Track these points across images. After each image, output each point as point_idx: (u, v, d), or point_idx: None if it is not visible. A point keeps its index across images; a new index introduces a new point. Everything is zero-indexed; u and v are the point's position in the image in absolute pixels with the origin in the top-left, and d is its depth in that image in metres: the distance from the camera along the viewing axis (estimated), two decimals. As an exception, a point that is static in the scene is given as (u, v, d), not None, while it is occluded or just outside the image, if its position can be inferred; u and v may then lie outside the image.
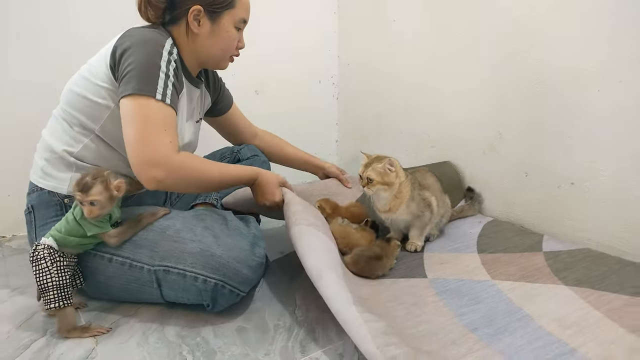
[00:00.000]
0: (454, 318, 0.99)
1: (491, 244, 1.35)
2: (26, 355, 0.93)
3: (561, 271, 1.18)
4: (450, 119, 1.70)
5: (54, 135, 1.12)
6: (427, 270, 1.22)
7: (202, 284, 1.00)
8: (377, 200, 1.32)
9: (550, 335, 0.92)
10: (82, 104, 1.08)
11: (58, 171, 1.11)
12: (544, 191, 1.43)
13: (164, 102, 1.02)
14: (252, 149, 1.49)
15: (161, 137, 1.01)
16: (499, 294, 1.08)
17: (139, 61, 1.01)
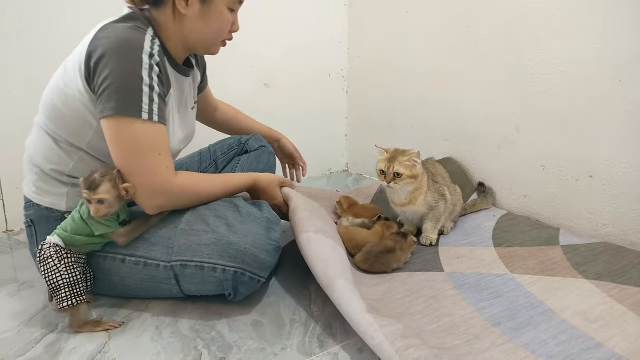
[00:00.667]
0: (475, 312, 0.97)
1: (507, 238, 1.33)
2: (37, 350, 0.91)
3: (580, 265, 1.15)
4: (465, 112, 1.67)
5: (39, 151, 1.04)
6: (444, 264, 1.19)
7: (221, 274, 0.97)
8: (397, 194, 1.29)
9: (575, 329, 0.90)
10: (63, 119, 0.99)
11: (52, 187, 1.05)
12: (561, 184, 1.40)
13: (151, 120, 0.95)
14: (259, 139, 1.44)
15: (156, 165, 0.97)
16: (519, 288, 1.06)
17: (117, 74, 0.91)
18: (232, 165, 1.41)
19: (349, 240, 1.24)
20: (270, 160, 1.45)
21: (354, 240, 1.25)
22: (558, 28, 1.34)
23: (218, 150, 1.43)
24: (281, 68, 1.99)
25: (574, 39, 1.31)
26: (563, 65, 1.34)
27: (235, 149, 1.43)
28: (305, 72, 2.06)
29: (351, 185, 2.04)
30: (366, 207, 1.44)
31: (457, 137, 1.71)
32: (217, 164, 1.43)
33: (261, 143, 1.45)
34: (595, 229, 1.33)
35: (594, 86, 1.28)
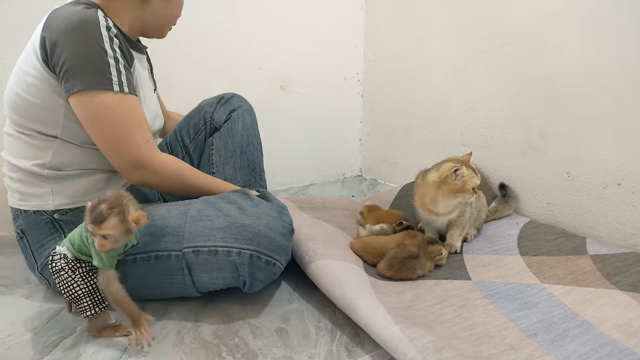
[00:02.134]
0: (509, 322, 0.94)
1: (533, 246, 1.30)
2: (56, 354, 0.87)
3: (612, 276, 1.12)
4: (486, 117, 1.64)
5: (15, 154, 1.01)
6: (470, 272, 1.16)
7: (236, 257, 0.94)
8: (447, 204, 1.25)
9: (616, 342, 0.86)
10: (30, 109, 0.96)
11: (35, 187, 1.00)
12: (587, 192, 1.37)
13: (122, 91, 0.92)
14: (225, 107, 1.27)
15: (138, 137, 0.94)
16: (552, 299, 1.03)
17: (80, 50, 0.89)
18: (207, 153, 1.26)
19: (369, 252, 1.21)
20: (246, 123, 1.26)
21: (375, 250, 1.21)
22: (585, 32, 1.32)
23: (185, 136, 1.29)
24: (297, 71, 1.97)
25: (601, 43, 1.28)
26: (590, 70, 1.31)
27: (202, 130, 1.27)
28: (321, 75, 2.04)
29: (366, 191, 2.01)
30: (391, 213, 1.41)
31: (477, 143, 1.68)
32: (190, 155, 1.28)
33: (229, 108, 1.26)
34: (624, 239, 1.29)
35: (622, 91, 1.25)
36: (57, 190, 1.01)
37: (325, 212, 1.54)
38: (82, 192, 1.02)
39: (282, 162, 1.97)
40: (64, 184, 1.01)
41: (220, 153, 1.23)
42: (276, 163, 1.91)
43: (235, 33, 1.80)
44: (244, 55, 1.84)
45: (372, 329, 0.88)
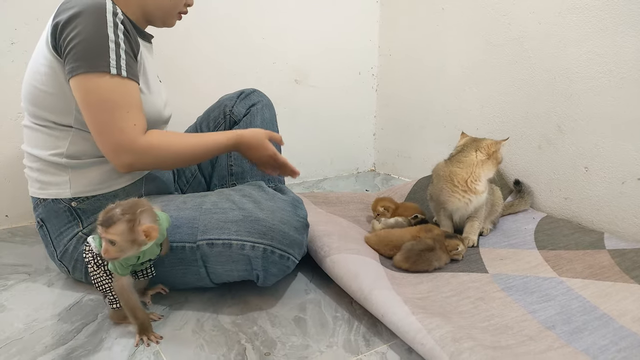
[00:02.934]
0: (527, 314, 0.94)
1: (550, 241, 1.29)
2: (79, 339, 0.89)
3: (631, 270, 1.11)
4: (502, 111, 1.63)
5: (34, 145, 1.03)
6: (487, 266, 1.16)
7: (250, 251, 0.95)
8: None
9: (636, 335, 0.86)
10: (45, 100, 0.98)
11: (53, 176, 1.02)
12: (605, 187, 1.36)
13: (119, 75, 0.93)
14: (245, 102, 1.28)
15: (123, 121, 0.93)
16: (570, 292, 1.02)
17: (83, 34, 0.90)
18: None
19: (385, 245, 1.21)
20: (265, 118, 1.28)
21: (391, 242, 1.21)
22: (604, 25, 1.30)
23: (204, 129, 1.32)
24: (312, 65, 1.98)
25: (620, 35, 1.27)
26: (610, 63, 1.30)
27: (222, 123, 1.30)
28: (336, 70, 2.04)
29: (380, 185, 2.01)
30: (406, 206, 1.40)
31: (493, 137, 1.67)
32: None
33: (250, 103, 1.28)
34: (643, 234, 1.28)
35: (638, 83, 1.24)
36: (74, 178, 1.02)
37: (339, 206, 1.54)
38: (99, 180, 1.03)
39: (297, 156, 1.98)
40: (81, 172, 1.02)
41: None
42: (290, 157, 1.89)
43: (251, 28, 1.81)
44: (260, 49, 1.85)
45: (389, 320, 0.89)
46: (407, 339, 0.85)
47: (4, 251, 1.31)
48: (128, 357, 0.84)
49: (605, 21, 1.30)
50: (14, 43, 1.42)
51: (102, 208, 0.94)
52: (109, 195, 1.04)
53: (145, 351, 0.86)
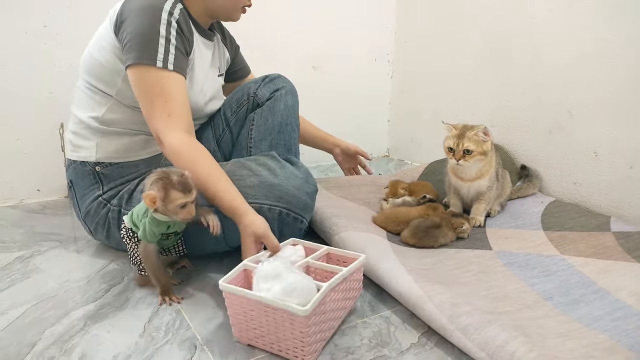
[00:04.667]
0: (526, 286, 0.98)
1: (556, 222, 1.32)
2: (107, 298, 0.97)
3: (634, 250, 1.14)
4: (515, 97, 1.65)
5: (78, 105, 1.14)
6: (492, 243, 1.20)
7: (267, 213, 1.02)
8: (468, 170, 1.29)
9: (631, 307, 0.90)
10: (97, 69, 1.09)
11: (84, 139, 1.13)
12: (614, 172, 1.38)
13: (166, 68, 1.01)
14: (270, 86, 1.29)
15: (160, 111, 1.01)
16: (571, 268, 1.06)
17: (137, 29, 1.01)
18: (247, 127, 1.28)
19: (393, 221, 1.27)
20: (287, 104, 1.28)
21: (398, 218, 1.27)
22: (614, 10, 1.31)
23: (227, 111, 1.30)
24: (329, 52, 2.02)
25: (630, 20, 1.28)
26: (618, 48, 1.31)
27: (244, 104, 1.29)
28: (352, 56, 2.08)
29: (393, 170, 2.05)
30: (418, 184, 1.46)
31: (505, 123, 1.70)
32: (230, 128, 1.30)
33: (274, 87, 1.29)
34: (649, 218, 1.31)
35: (654, 70, 1.26)
36: (101, 144, 1.12)
37: (351, 189, 1.59)
38: (124, 149, 1.12)
39: (312, 140, 2.03)
40: (109, 140, 1.12)
41: (260, 129, 1.27)
42: (305, 142, 1.98)
43: (269, 16, 1.85)
44: (278, 37, 1.90)
45: (393, 289, 0.95)
46: (409, 305, 0.91)
47: (37, 222, 1.41)
48: (152, 313, 0.92)
49: (615, 7, 1.31)
50: (47, 26, 1.50)
51: (122, 176, 1.07)
52: (130, 164, 1.13)
53: (168, 309, 0.93)
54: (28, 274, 1.07)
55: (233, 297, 0.80)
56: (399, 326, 0.89)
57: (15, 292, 0.99)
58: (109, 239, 1.15)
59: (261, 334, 0.80)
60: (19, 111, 1.52)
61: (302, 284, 0.77)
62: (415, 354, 0.81)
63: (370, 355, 0.80)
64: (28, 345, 0.81)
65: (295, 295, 0.75)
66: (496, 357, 0.74)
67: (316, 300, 0.75)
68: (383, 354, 0.81)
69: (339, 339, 0.85)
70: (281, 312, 0.75)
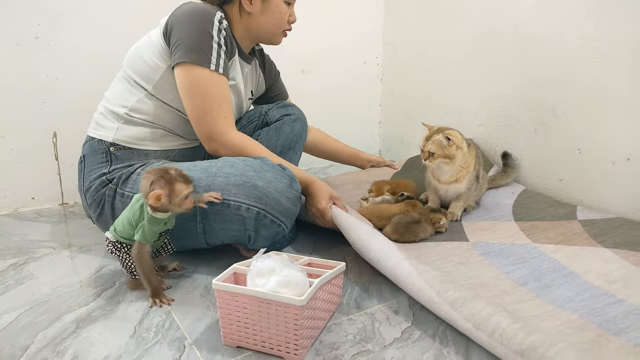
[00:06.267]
0: (502, 274, 1.04)
1: (527, 213, 1.39)
2: (99, 301, 1.00)
3: (599, 236, 1.21)
4: (501, 96, 1.68)
5: (111, 92, 1.22)
6: (469, 235, 1.26)
7: (245, 212, 1.06)
8: (442, 172, 1.33)
9: (598, 288, 0.97)
10: (139, 64, 1.16)
11: (108, 121, 1.19)
12: (597, 168, 1.41)
13: (217, 71, 1.11)
14: (282, 110, 1.40)
15: (217, 113, 1.12)
16: (542, 255, 1.12)
17: (192, 30, 1.09)
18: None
19: (376, 216, 1.31)
20: (294, 130, 1.39)
21: (381, 213, 1.31)
22: (598, 11, 1.35)
23: (237, 124, 1.40)
24: (318, 55, 2.05)
25: (614, 21, 1.31)
26: (602, 48, 1.34)
27: (255, 121, 1.41)
28: (342, 59, 2.11)
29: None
30: (400, 183, 1.49)
31: (492, 123, 1.73)
32: None
33: (285, 112, 1.40)
34: (632, 213, 1.33)
35: (633, 68, 1.28)
36: (122, 128, 1.18)
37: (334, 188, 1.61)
38: (140, 137, 1.19)
39: (304, 144, 2.06)
40: (130, 127, 1.18)
41: (264, 144, 1.32)
42: (298, 144, 2.01)
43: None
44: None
45: (385, 264, 0.99)
46: (399, 281, 0.95)
47: (31, 229, 1.43)
48: (142, 315, 0.94)
49: (599, 7, 1.34)
50: (38, 37, 1.53)
51: (132, 160, 1.15)
52: (141, 152, 1.19)
53: (158, 311, 0.96)
54: (22, 280, 1.09)
55: (226, 295, 0.82)
56: (383, 322, 0.91)
57: (8, 298, 1.01)
58: (99, 219, 1.18)
59: (253, 332, 0.82)
60: (12, 121, 1.54)
61: (297, 277, 0.80)
62: (398, 348, 0.83)
63: (354, 350, 0.82)
64: (21, 349, 0.83)
65: (291, 287, 0.78)
66: (482, 327, 0.79)
67: (311, 291, 0.78)
68: (367, 348, 0.83)
69: (324, 335, 0.87)
70: (275, 306, 0.78)
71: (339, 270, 0.92)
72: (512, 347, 0.74)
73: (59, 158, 1.63)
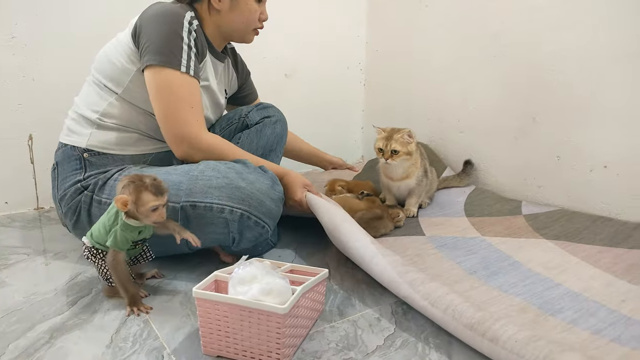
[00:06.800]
0: (454, 265, 1.13)
1: (477, 209, 1.49)
2: (74, 310, 0.97)
3: (541, 229, 1.31)
4: (483, 104, 1.70)
5: (82, 97, 1.19)
6: (425, 230, 1.35)
7: (228, 214, 1.04)
8: (395, 170, 1.40)
9: (538, 275, 1.08)
10: (108, 68, 1.14)
11: (80, 127, 1.16)
12: (576, 175, 1.43)
13: (188, 73, 1.09)
14: (262, 112, 1.37)
15: (188, 115, 1.09)
16: (490, 247, 1.22)
17: (161, 32, 1.06)
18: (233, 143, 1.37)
19: (343, 205, 1.31)
20: (275, 132, 1.37)
21: (348, 205, 1.33)
22: (575, 19, 1.38)
23: (217, 126, 1.39)
24: (301, 60, 2.05)
25: (591, 30, 1.34)
26: (581, 57, 1.37)
27: (235, 123, 1.37)
28: (325, 64, 2.11)
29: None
30: (358, 183, 1.56)
31: (473, 129, 1.75)
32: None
33: (265, 114, 1.37)
34: (609, 218, 1.36)
35: (609, 76, 1.31)
36: (95, 134, 1.15)
37: None
38: (113, 142, 1.16)
39: (286, 148, 2.05)
40: (103, 131, 1.15)
41: (244, 148, 1.31)
42: (281, 149, 2.00)
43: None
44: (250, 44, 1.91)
45: (352, 246, 1.06)
46: (364, 262, 1.02)
47: (4, 235, 1.38)
48: (119, 324, 0.91)
49: (577, 18, 1.37)
50: (15, 37, 1.48)
51: (105, 165, 1.11)
52: (117, 157, 1.16)
53: (136, 320, 0.93)
54: (-7, 288, 1.06)
55: (207, 304, 0.80)
56: (366, 329, 0.90)
57: (-21, 307, 0.97)
58: (75, 227, 1.15)
59: (234, 341, 0.80)
60: (-15, 123, 1.50)
61: (279, 284, 0.79)
62: (381, 356, 0.82)
63: (336, 358, 0.82)
64: (-9, 360, 0.80)
65: (274, 294, 0.77)
66: (437, 304, 0.87)
67: (294, 299, 0.77)
68: (349, 356, 0.82)
69: (307, 343, 0.86)
70: (257, 314, 0.76)
71: (321, 277, 0.92)
72: (463, 321, 0.82)
73: (35, 161, 1.59)
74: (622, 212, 1.33)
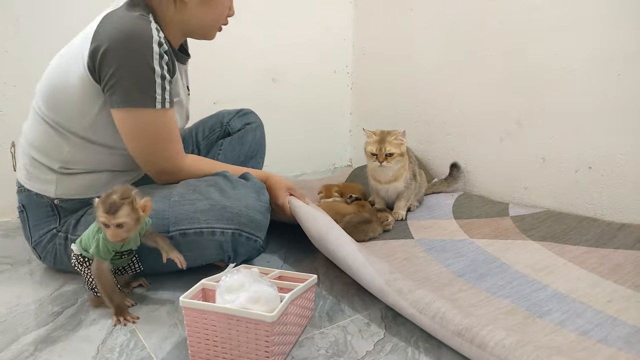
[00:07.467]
0: (443, 268, 1.12)
1: (465, 212, 1.50)
2: (59, 321, 0.95)
3: (527, 230, 1.32)
4: (469, 107, 1.71)
5: (34, 136, 1.05)
6: (413, 233, 1.35)
7: (220, 236, 1.02)
8: (385, 173, 1.40)
9: (526, 277, 1.08)
10: (60, 104, 0.99)
11: (41, 172, 1.05)
12: (561, 176, 1.45)
13: (164, 108, 0.99)
14: (242, 119, 1.38)
15: (167, 151, 1.04)
16: (478, 249, 1.22)
17: (129, 65, 0.92)
18: (215, 151, 1.39)
19: (330, 210, 1.31)
20: (256, 138, 1.39)
21: (336, 210, 1.34)
22: (558, 24, 1.39)
23: (200, 134, 1.39)
24: (288, 64, 2.04)
25: (573, 34, 1.36)
26: (564, 60, 1.39)
27: (217, 131, 1.38)
28: (312, 68, 2.11)
29: (355, 179, 2.08)
30: (348, 186, 1.56)
31: (459, 131, 1.76)
32: (199, 149, 1.41)
33: (246, 121, 1.38)
34: (595, 218, 1.37)
35: (593, 80, 1.33)
36: (61, 181, 1.05)
37: None
38: (85, 187, 1.07)
39: (275, 153, 2.03)
40: (70, 179, 1.06)
41: (227, 155, 1.33)
42: (269, 153, 1.96)
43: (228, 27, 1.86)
44: (237, 49, 1.91)
45: (340, 254, 1.04)
46: (352, 270, 1.01)
47: (-14, 244, 1.35)
48: (106, 335, 0.90)
49: (562, 22, 1.39)
50: (-6, 43, 1.46)
51: (81, 209, 1.03)
52: (92, 200, 1.05)
53: (122, 330, 0.92)
54: (-26, 300, 1.03)
55: (194, 313, 0.79)
56: (356, 335, 0.90)
57: (-40, 320, 0.95)
58: (56, 264, 1.12)
59: (222, 350, 0.79)
60: (-34, 130, 1.47)
61: (267, 292, 0.78)
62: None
63: (326, 365, 0.81)
64: (-27, 375, 0.78)
65: (262, 302, 0.76)
66: (425, 312, 0.87)
67: (282, 307, 0.76)
68: (339, 363, 0.82)
69: (296, 350, 0.86)
70: (246, 323, 0.76)
71: (310, 284, 0.91)
72: (451, 328, 0.82)
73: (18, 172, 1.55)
74: (607, 212, 1.35)
